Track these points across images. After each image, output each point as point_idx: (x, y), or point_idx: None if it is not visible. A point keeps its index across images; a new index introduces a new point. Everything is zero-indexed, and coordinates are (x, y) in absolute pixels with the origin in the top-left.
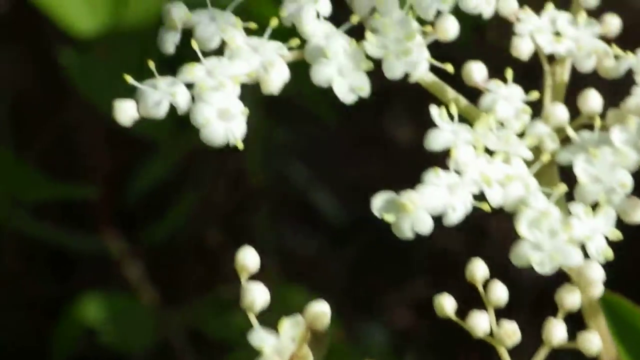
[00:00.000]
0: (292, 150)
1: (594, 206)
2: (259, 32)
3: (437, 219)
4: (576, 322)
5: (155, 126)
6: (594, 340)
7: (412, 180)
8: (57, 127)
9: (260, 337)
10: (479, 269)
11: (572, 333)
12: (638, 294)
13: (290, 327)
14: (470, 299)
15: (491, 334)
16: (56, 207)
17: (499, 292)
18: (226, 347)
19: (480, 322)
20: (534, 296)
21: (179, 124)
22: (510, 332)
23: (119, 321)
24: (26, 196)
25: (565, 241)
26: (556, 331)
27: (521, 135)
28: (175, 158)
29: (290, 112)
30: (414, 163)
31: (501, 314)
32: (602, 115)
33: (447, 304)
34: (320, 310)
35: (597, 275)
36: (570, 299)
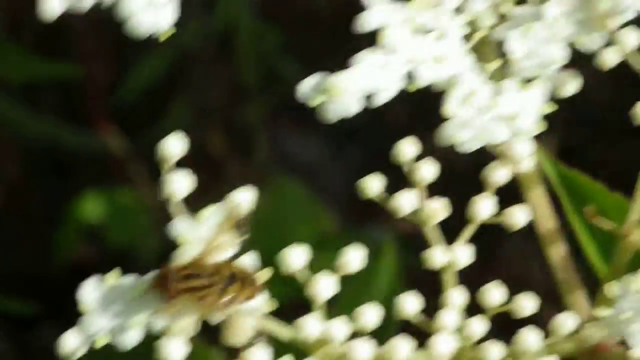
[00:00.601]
0: (286, 51)
1: (528, 81)
2: None
3: None
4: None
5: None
6: (519, 214)
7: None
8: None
9: (182, 226)
10: (407, 149)
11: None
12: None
13: (213, 214)
14: None
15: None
16: (55, 105)
17: (425, 172)
18: None
19: (406, 201)
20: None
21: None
22: (435, 210)
23: (120, 218)
24: (17, 76)
25: (493, 118)
26: (482, 207)
27: (458, 11)
28: (170, 57)
29: (284, 12)
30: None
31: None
32: None
33: (374, 184)
34: (242, 197)
35: (524, 151)
36: (494, 175)
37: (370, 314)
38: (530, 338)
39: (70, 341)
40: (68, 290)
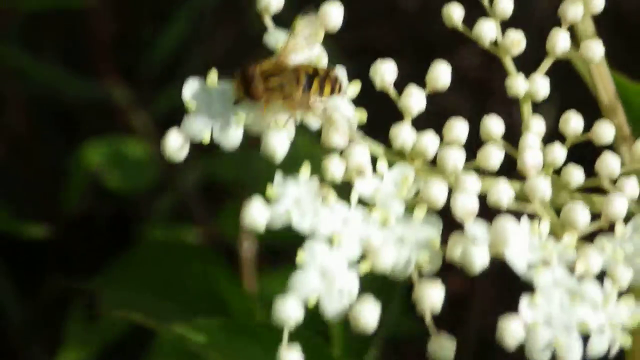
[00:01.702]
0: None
1: None
2: None
3: None
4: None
5: None
6: (595, 47)
7: (414, 45)
8: None
9: (275, 36)
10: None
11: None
12: None
13: (305, 25)
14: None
15: (496, 44)
16: (59, 54)
17: (505, 4)
18: (235, 194)
19: (487, 31)
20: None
21: None
22: (515, 41)
23: (124, 164)
24: (20, 6)
25: None
26: (560, 40)
27: None
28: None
29: None
30: (419, 30)
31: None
32: None
33: (455, 12)
34: (333, 9)
35: None
36: (572, 10)
37: (460, 127)
38: (611, 161)
39: (174, 140)
40: (73, 241)
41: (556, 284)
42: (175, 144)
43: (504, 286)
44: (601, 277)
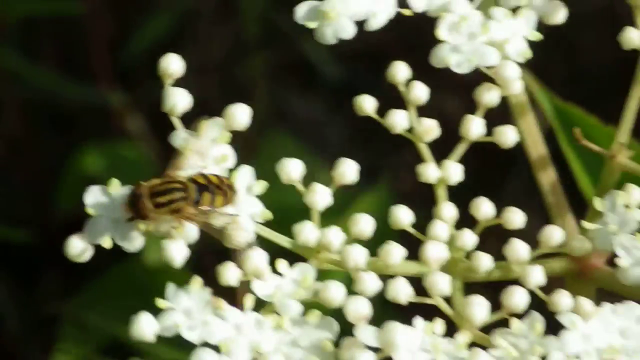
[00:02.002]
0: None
1: (515, 9)
2: None
3: None
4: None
5: None
6: (509, 133)
7: (411, 51)
8: None
9: (181, 137)
10: (400, 70)
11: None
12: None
13: (211, 128)
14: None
15: (411, 131)
16: (56, 58)
17: (419, 92)
18: None
19: (399, 120)
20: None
21: None
22: (429, 128)
23: (121, 169)
24: (17, 12)
25: (483, 43)
26: (473, 126)
27: None
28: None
29: None
30: (416, 35)
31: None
32: None
33: (366, 103)
34: (239, 110)
35: (513, 74)
36: (487, 95)
37: (365, 223)
38: (519, 247)
39: (77, 244)
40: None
41: None
42: (78, 249)
43: None
44: None
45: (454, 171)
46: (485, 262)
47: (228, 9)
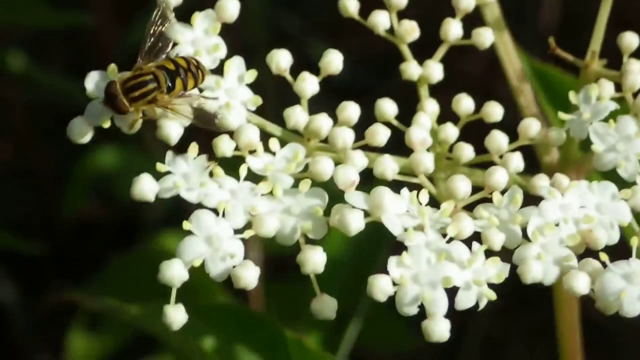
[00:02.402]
0: (295, 11)
1: None
2: None
3: None
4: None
5: None
6: (486, 34)
7: (418, 51)
8: None
9: (176, 29)
10: None
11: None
12: None
13: (202, 19)
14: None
15: (392, 32)
16: (63, 60)
17: None
18: None
19: (381, 21)
20: None
21: None
22: (410, 29)
23: (130, 172)
24: (28, 23)
25: None
26: (452, 28)
27: None
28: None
29: None
30: (423, 35)
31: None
32: None
33: (350, 4)
34: (229, 3)
35: None
36: (464, 1)
37: (352, 109)
38: (499, 138)
39: (78, 125)
40: (77, 247)
41: (427, 246)
42: (79, 129)
43: (508, 294)
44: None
45: (435, 70)
46: (467, 152)
47: None
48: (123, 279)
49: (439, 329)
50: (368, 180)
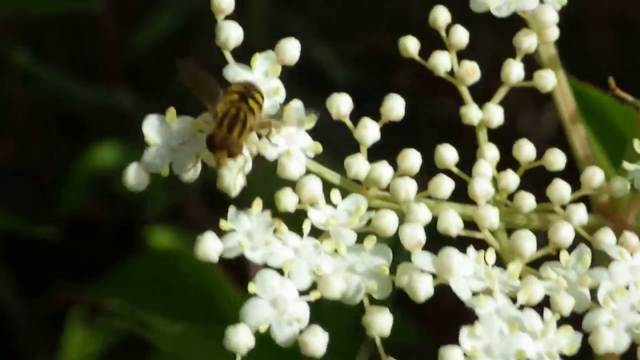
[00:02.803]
0: (295, 10)
1: None
2: None
3: None
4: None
5: None
6: (548, 77)
7: (425, 52)
8: None
9: (234, 70)
10: (440, 14)
11: None
12: None
13: (263, 61)
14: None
15: (453, 74)
16: (66, 58)
17: (460, 34)
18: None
19: (442, 62)
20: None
21: None
22: (471, 70)
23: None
24: (33, 9)
25: None
26: (514, 69)
27: None
28: (181, 13)
29: None
30: (421, 37)
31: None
32: None
33: (410, 45)
34: (290, 44)
35: (551, 18)
36: (527, 40)
37: (414, 157)
38: (561, 187)
39: (135, 173)
40: (77, 244)
41: (498, 313)
42: (136, 177)
43: None
44: (547, 303)
45: (496, 113)
46: (528, 202)
47: (236, 13)
48: (128, 282)
49: None
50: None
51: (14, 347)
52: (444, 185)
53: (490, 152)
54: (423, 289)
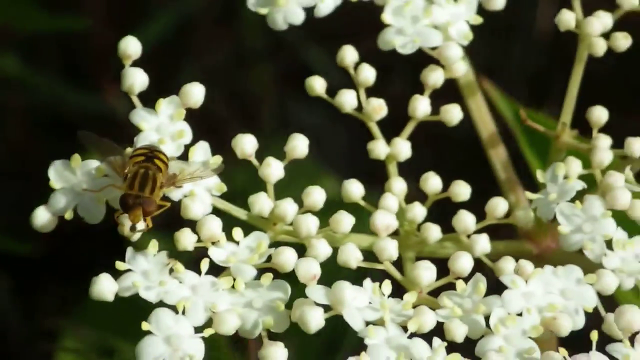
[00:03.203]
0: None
1: None
2: None
3: None
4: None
5: None
6: (454, 111)
7: (410, 60)
8: None
9: (140, 115)
10: (348, 54)
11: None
12: None
13: (167, 105)
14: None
15: (360, 109)
16: (60, 66)
17: (367, 73)
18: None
19: (348, 100)
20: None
21: None
22: (377, 107)
23: None
24: (23, 27)
25: (426, 26)
26: (420, 105)
27: None
28: (175, 19)
29: None
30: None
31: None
32: None
33: (317, 84)
34: (194, 88)
35: (455, 54)
36: (432, 76)
37: (317, 194)
38: (466, 218)
39: (42, 216)
40: (68, 250)
41: (387, 342)
42: (43, 220)
43: None
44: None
45: (403, 148)
46: (434, 233)
47: (231, 18)
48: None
49: None
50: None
51: (8, 352)
52: (344, 222)
53: (397, 185)
54: (314, 322)
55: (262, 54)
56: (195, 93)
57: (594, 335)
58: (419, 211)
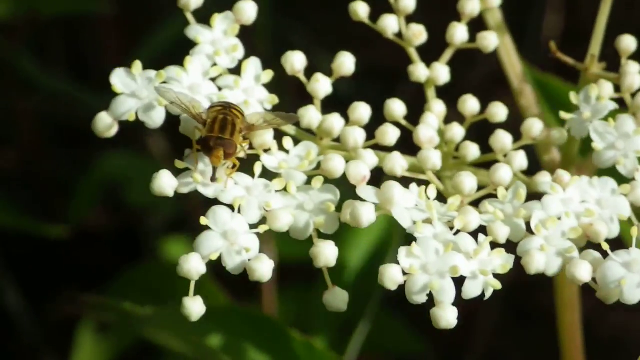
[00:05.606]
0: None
1: None
2: None
3: None
4: None
5: None
6: (490, 38)
7: (423, 55)
8: None
9: (196, 29)
10: None
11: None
12: None
13: (222, 20)
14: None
15: (400, 36)
16: (70, 71)
17: (407, 2)
18: None
19: (390, 25)
20: None
21: None
22: (417, 32)
23: (141, 178)
24: (43, 9)
25: None
26: (457, 32)
27: None
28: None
29: None
30: (426, 47)
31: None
32: None
33: (360, 9)
34: (247, 5)
35: None
36: (469, 5)
37: (363, 109)
38: (503, 137)
39: (104, 119)
40: (84, 254)
41: (435, 237)
42: (105, 124)
43: (507, 311)
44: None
45: (442, 72)
46: (473, 151)
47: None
48: (132, 290)
49: (447, 316)
50: (378, 181)
51: (22, 354)
52: (389, 133)
53: (437, 107)
54: (365, 216)
55: (269, 59)
56: (248, 9)
57: (634, 231)
58: (457, 131)
